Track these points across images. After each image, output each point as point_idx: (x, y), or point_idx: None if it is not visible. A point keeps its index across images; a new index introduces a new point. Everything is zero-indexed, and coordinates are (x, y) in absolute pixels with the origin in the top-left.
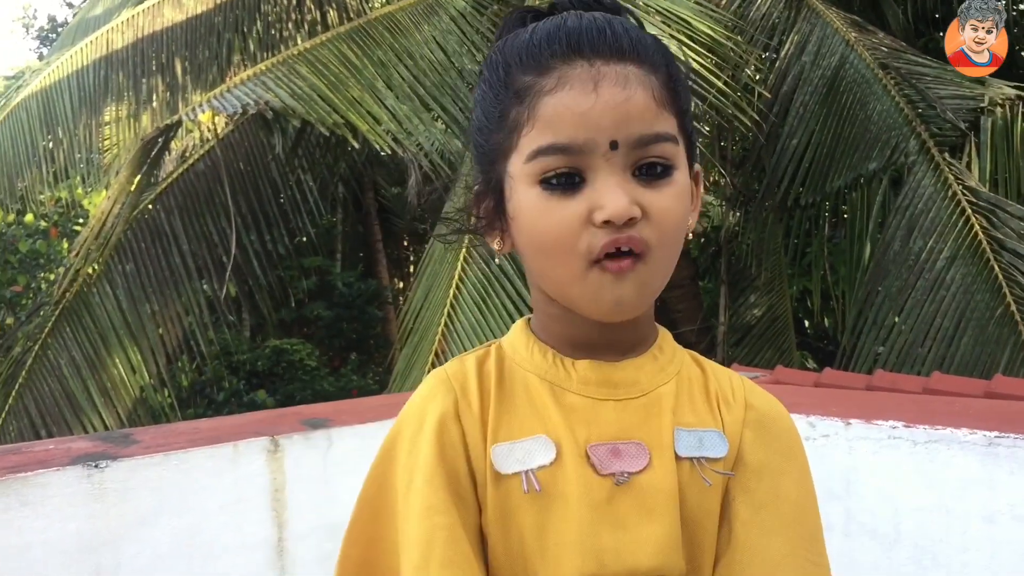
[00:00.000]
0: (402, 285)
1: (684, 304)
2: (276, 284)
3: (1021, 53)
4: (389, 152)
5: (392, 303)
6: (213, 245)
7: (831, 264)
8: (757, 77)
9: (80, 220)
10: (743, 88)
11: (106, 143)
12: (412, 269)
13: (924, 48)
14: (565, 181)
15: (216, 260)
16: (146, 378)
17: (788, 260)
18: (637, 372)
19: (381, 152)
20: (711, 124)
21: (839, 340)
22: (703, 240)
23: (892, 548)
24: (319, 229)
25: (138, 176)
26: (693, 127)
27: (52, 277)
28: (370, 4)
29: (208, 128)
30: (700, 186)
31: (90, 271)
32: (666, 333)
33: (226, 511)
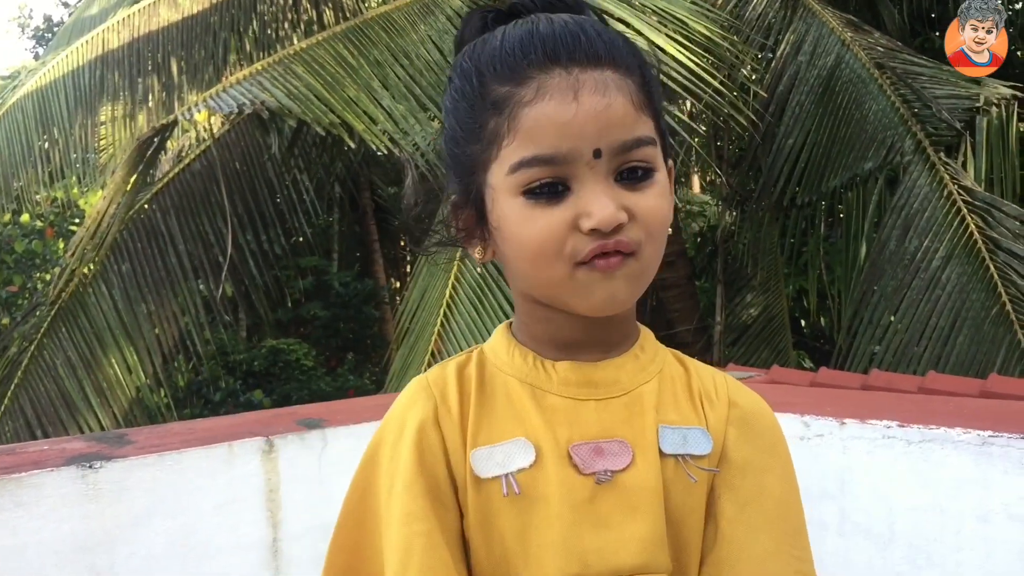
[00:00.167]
0: (398, 285)
1: (680, 304)
2: (272, 284)
3: (1017, 53)
4: (385, 152)
5: (388, 303)
6: (209, 245)
7: (827, 264)
8: (753, 77)
9: (76, 220)
10: (739, 88)
11: (102, 143)
12: (408, 269)
13: (920, 48)
14: (549, 190)
15: (212, 260)
16: (142, 378)
17: (784, 260)
18: (618, 371)
19: (377, 152)
20: (707, 124)
21: (835, 339)
22: (699, 240)
23: (886, 547)
24: (315, 229)
25: (134, 176)
26: (666, 123)
27: (48, 277)
28: (366, 4)
29: (204, 128)
30: (673, 180)
31: (86, 271)
32: (648, 332)
33: (221, 511)
